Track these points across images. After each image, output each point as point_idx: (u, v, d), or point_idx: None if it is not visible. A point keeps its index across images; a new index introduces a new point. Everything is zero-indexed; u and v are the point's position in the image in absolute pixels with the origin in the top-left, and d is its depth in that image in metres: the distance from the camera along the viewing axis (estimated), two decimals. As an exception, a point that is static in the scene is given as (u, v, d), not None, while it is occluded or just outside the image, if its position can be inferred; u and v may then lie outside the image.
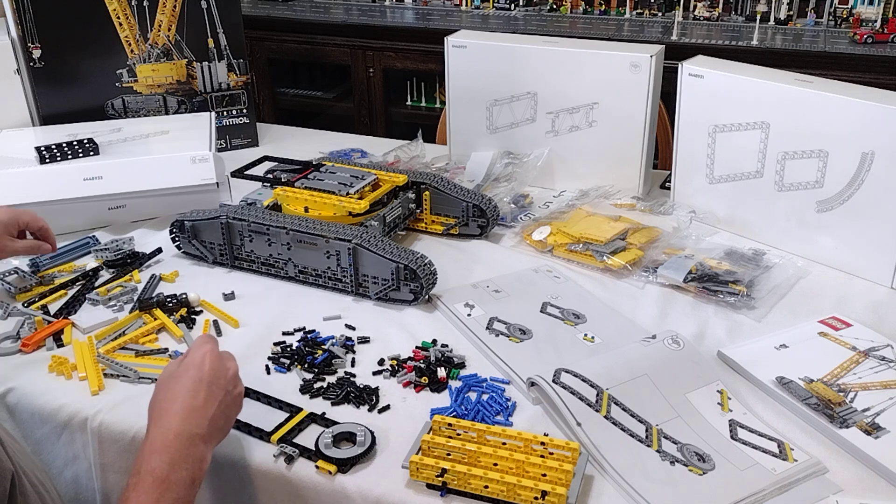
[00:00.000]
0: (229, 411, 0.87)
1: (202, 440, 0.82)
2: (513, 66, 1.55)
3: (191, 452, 0.81)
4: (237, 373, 0.90)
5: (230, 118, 1.80)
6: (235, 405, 0.89)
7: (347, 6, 3.10)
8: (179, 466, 0.79)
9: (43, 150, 1.39)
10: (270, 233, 1.23)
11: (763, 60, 1.53)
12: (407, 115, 3.09)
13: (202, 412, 0.83)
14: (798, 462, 0.88)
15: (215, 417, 0.84)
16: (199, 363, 0.86)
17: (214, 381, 0.86)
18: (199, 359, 0.87)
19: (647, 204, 1.48)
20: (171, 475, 0.78)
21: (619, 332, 1.12)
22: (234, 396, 0.88)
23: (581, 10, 2.94)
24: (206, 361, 0.87)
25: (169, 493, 0.77)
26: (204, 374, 0.85)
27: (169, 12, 1.68)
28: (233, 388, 0.88)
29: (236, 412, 0.89)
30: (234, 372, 0.89)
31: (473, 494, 0.84)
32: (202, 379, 0.85)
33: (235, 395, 0.88)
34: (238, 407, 0.90)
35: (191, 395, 0.84)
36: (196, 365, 0.86)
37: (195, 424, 0.82)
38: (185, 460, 0.80)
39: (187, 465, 0.80)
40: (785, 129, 1.28)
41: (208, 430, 0.83)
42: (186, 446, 0.80)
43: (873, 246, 1.23)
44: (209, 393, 0.85)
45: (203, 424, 0.83)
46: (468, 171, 1.60)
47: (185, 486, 0.79)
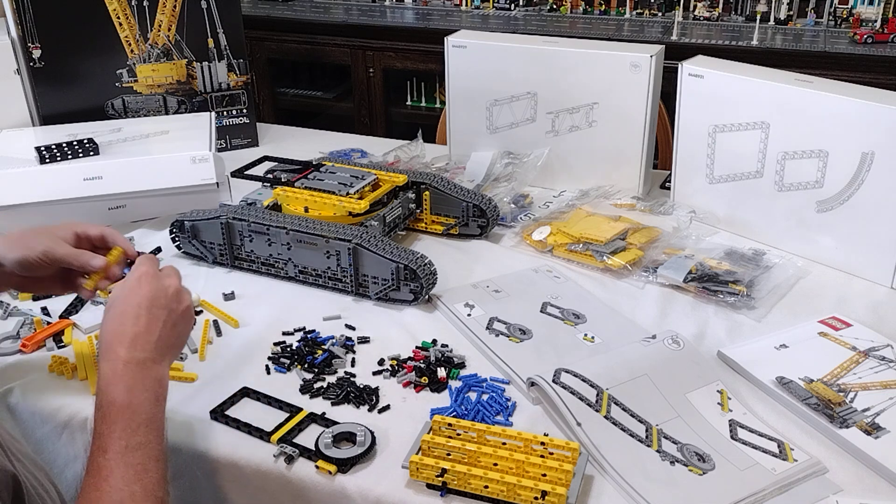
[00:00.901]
0: (177, 328, 0.88)
1: (153, 362, 0.83)
2: (513, 66, 1.55)
3: (145, 375, 0.82)
4: (178, 289, 0.90)
5: (230, 118, 1.80)
6: (183, 320, 0.90)
7: (347, 6, 3.10)
8: (138, 390, 0.80)
9: (43, 150, 1.39)
10: (270, 233, 1.23)
11: (763, 60, 1.53)
12: (407, 115, 3.09)
13: (146, 336, 0.84)
14: (798, 462, 0.88)
15: (161, 338, 0.85)
16: (136, 288, 0.87)
17: (154, 302, 0.86)
18: (136, 283, 0.87)
19: (647, 204, 1.48)
20: (132, 400, 0.79)
21: (619, 332, 1.12)
22: (180, 313, 0.89)
23: (581, 10, 2.94)
24: (142, 284, 0.87)
25: (137, 415, 0.79)
26: (142, 298, 0.86)
27: (169, 12, 1.68)
28: (176, 304, 0.88)
29: (187, 326, 0.91)
30: (175, 289, 0.89)
31: (473, 494, 0.84)
32: (141, 304, 0.85)
33: (181, 311, 0.89)
34: (187, 321, 0.91)
35: (132, 322, 0.84)
36: (133, 290, 0.87)
37: (141, 349, 0.83)
38: (141, 384, 0.81)
39: (146, 388, 0.81)
40: (785, 129, 1.28)
41: (156, 351, 0.84)
42: (138, 371, 0.82)
43: (873, 246, 1.23)
44: (150, 316, 0.85)
45: (149, 348, 0.84)
46: (468, 171, 1.60)
47: (151, 405, 0.81)
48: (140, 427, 0.78)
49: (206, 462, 0.92)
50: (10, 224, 1.33)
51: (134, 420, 0.78)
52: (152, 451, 0.78)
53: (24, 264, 0.95)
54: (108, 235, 1.00)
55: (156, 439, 0.79)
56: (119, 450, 0.76)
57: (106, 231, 1.00)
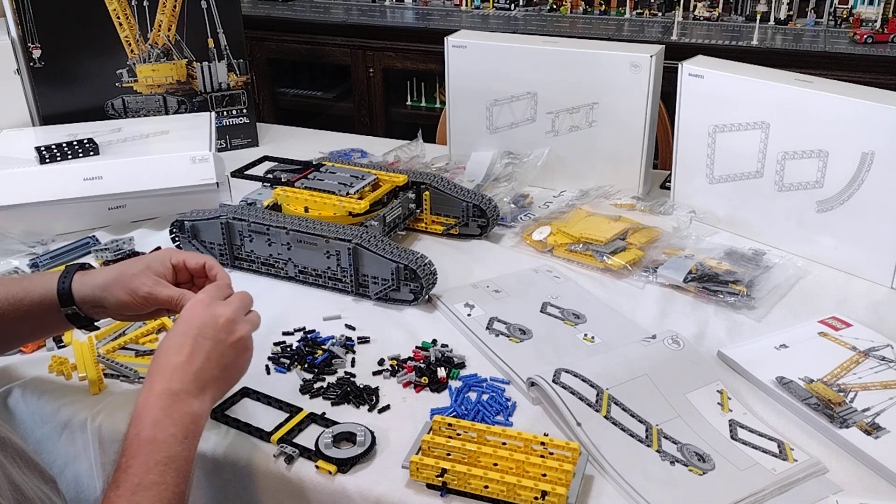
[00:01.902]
0: (224, 360, 0.83)
1: (189, 395, 0.79)
2: (513, 66, 1.55)
3: (176, 409, 0.77)
4: (230, 318, 0.85)
5: (230, 118, 1.80)
6: (233, 352, 0.84)
7: (347, 6, 3.10)
8: (165, 425, 0.76)
9: (43, 150, 1.39)
10: (270, 233, 1.23)
11: (763, 60, 1.53)
12: (407, 115, 3.09)
13: (185, 367, 0.80)
14: (798, 462, 0.88)
15: (203, 370, 0.81)
16: (186, 318, 0.83)
17: (200, 332, 0.82)
18: (186, 313, 0.84)
19: (647, 204, 1.48)
20: (157, 434, 0.75)
21: (619, 332, 1.12)
22: (229, 345, 0.84)
23: (581, 10, 2.94)
24: (192, 315, 0.83)
25: (157, 452, 0.74)
26: (189, 327, 0.82)
27: (169, 12, 1.68)
28: (226, 335, 0.84)
29: (238, 359, 0.85)
30: (227, 318, 0.84)
31: (473, 494, 0.84)
32: (186, 333, 0.82)
33: (230, 342, 0.84)
34: (238, 353, 0.85)
35: (174, 352, 0.81)
36: (184, 319, 0.83)
37: (178, 381, 0.79)
38: (170, 418, 0.77)
39: (174, 423, 0.76)
40: (785, 129, 1.28)
41: (195, 384, 0.80)
42: (170, 404, 0.77)
43: (873, 246, 1.23)
44: (194, 346, 0.81)
45: (187, 379, 0.79)
46: (468, 171, 1.60)
47: (177, 443, 0.76)
48: (157, 465, 0.74)
49: (206, 462, 0.92)
50: (11, 224, 1.34)
51: (152, 457, 0.74)
52: (165, 492, 0.73)
53: (124, 306, 0.91)
54: (209, 268, 0.94)
55: (173, 479, 0.74)
56: (130, 487, 0.72)
57: (208, 262, 0.95)
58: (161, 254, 0.95)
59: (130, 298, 0.91)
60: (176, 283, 0.94)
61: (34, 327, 0.95)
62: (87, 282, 0.93)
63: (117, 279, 0.92)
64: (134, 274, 0.92)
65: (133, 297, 0.90)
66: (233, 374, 0.86)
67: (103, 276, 0.93)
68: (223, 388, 0.84)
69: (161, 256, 0.94)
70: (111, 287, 0.92)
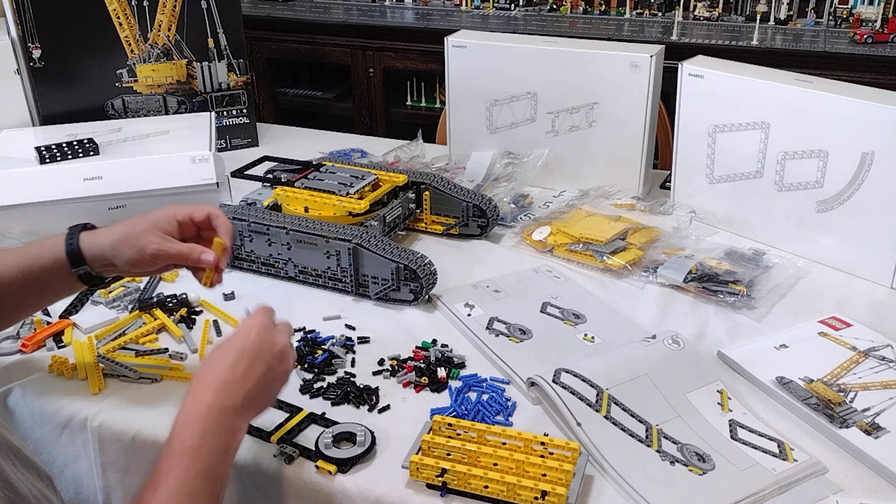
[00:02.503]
0: (271, 387, 0.85)
1: (236, 412, 0.80)
2: (513, 66, 1.55)
3: (223, 423, 0.79)
4: (286, 348, 0.87)
5: (230, 118, 1.80)
6: (279, 380, 0.86)
7: (347, 6, 3.10)
8: (211, 437, 0.77)
9: (43, 150, 1.39)
10: (270, 233, 1.23)
11: (763, 60, 1.53)
12: (407, 115, 3.09)
13: (239, 385, 0.81)
14: (798, 462, 0.88)
15: (252, 391, 0.82)
16: (245, 335, 0.84)
17: (258, 354, 0.83)
18: (246, 331, 0.85)
19: (647, 204, 1.49)
20: (202, 445, 0.76)
21: (619, 332, 1.12)
22: (280, 372, 0.86)
23: (581, 10, 2.94)
24: (251, 334, 0.84)
25: (199, 461, 0.75)
26: (247, 346, 0.83)
27: (169, 12, 1.68)
28: (278, 363, 0.85)
29: (280, 387, 0.87)
30: (283, 347, 0.86)
31: (473, 494, 0.84)
32: (244, 351, 0.83)
33: (281, 371, 0.86)
34: (282, 382, 0.87)
35: (230, 368, 0.82)
36: (241, 336, 0.84)
37: (230, 397, 0.80)
38: (216, 431, 0.78)
39: (219, 435, 0.78)
40: (785, 129, 1.28)
41: (243, 403, 0.81)
42: (218, 418, 0.78)
43: (873, 246, 1.23)
44: (250, 366, 0.82)
45: (238, 397, 0.80)
46: (468, 171, 1.60)
47: (218, 456, 0.77)
48: (198, 476, 0.75)
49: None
50: (11, 224, 1.34)
51: (195, 466, 0.75)
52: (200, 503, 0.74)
53: (134, 264, 0.93)
54: (213, 217, 0.96)
55: (209, 492, 0.75)
56: (169, 491, 0.73)
57: (211, 212, 0.96)
58: (166, 210, 0.96)
59: (139, 256, 0.92)
60: (182, 238, 0.96)
61: (46, 292, 0.96)
62: (96, 241, 0.94)
63: (125, 238, 0.93)
64: (141, 232, 0.93)
65: (142, 255, 0.92)
66: (272, 400, 0.88)
67: (110, 235, 0.95)
68: (260, 412, 0.86)
69: (167, 214, 0.96)
70: (119, 245, 0.93)
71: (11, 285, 0.92)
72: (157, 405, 0.99)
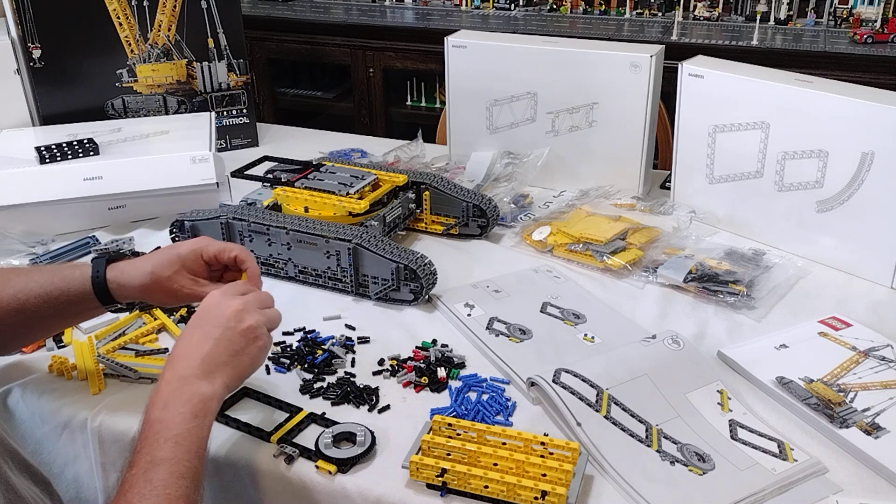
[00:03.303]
0: (234, 347, 0.85)
1: (197, 378, 0.81)
2: (513, 66, 1.55)
3: (184, 391, 0.80)
4: (240, 309, 0.87)
5: (230, 118, 1.80)
6: (245, 340, 0.86)
7: (347, 6, 3.10)
8: (173, 405, 0.78)
9: (43, 150, 1.39)
10: (270, 233, 1.23)
11: (763, 60, 1.53)
12: (407, 115, 3.09)
13: (194, 352, 0.83)
14: (798, 462, 0.88)
15: (210, 356, 0.83)
16: (198, 311, 0.88)
17: (208, 320, 0.85)
18: (200, 307, 0.88)
19: (647, 204, 1.49)
20: (164, 415, 0.77)
21: (619, 332, 1.12)
22: (240, 332, 0.85)
23: (581, 10, 2.94)
24: (203, 307, 0.87)
25: (165, 430, 0.76)
26: (199, 318, 0.86)
27: (169, 12, 1.68)
28: (235, 323, 0.85)
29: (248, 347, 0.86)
30: (236, 309, 0.86)
31: (473, 494, 0.84)
32: (197, 324, 0.86)
33: (240, 330, 0.86)
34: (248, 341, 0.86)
35: (183, 342, 0.84)
36: (195, 314, 0.88)
37: (185, 367, 0.81)
38: (177, 399, 0.79)
39: (182, 402, 0.79)
40: (785, 129, 1.28)
41: (201, 368, 0.82)
42: (178, 387, 0.80)
43: (873, 246, 1.23)
44: (202, 334, 0.84)
45: (194, 364, 0.82)
46: (468, 171, 1.60)
47: (186, 421, 0.78)
48: (167, 442, 0.75)
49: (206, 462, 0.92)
50: (11, 224, 1.34)
51: (162, 435, 0.76)
52: (177, 468, 0.74)
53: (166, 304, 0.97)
54: (241, 262, 0.97)
55: (185, 455, 0.76)
56: (143, 465, 0.74)
57: (239, 256, 0.97)
58: (194, 250, 0.97)
59: (172, 299, 0.95)
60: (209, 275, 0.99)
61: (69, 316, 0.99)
62: (125, 283, 0.95)
63: (156, 283, 0.95)
64: (171, 276, 0.94)
65: (176, 299, 0.95)
66: (243, 361, 0.87)
67: (139, 278, 0.95)
68: (235, 374, 0.86)
69: (194, 254, 0.96)
70: (150, 290, 0.95)
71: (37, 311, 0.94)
72: (157, 405, 0.99)
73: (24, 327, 0.94)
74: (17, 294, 0.93)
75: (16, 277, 0.96)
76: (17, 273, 0.97)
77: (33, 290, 0.93)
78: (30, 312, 0.93)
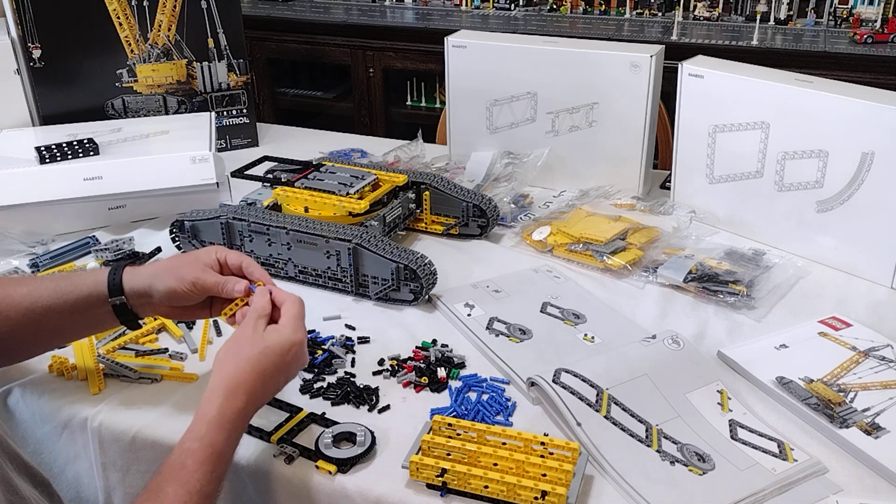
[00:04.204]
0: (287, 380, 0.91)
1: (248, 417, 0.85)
2: (513, 66, 1.55)
3: (242, 427, 0.84)
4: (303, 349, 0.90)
5: (230, 118, 1.80)
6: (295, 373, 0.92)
7: (347, 6, 3.10)
8: (234, 440, 0.82)
9: (43, 150, 1.39)
10: (270, 233, 1.23)
11: (763, 60, 1.53)
12: (407, 115, 3.09)
13: (263, 396, 0.86)
14: (798, 462, 0.88)
15: (269, 392, 0.88)
16: (286, 351, 0.87)
17: (288, 373, 0.89)
18: (288, 346, 0.87)
19: (647, 204, 1.49)
20: (226, 449, 0.81)
21: (619, 332, 1.12)
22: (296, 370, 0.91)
23: (581, 10, 2.94)
24: (291, 352, 0.87)
25: (221, 465, 0.80)
26: (286, 364, 0.87)
27: (169, 12, 1.68)
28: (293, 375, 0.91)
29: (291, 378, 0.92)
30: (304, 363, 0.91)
31: (473, 494, 0.84)
32: (280, 369, 0.87)
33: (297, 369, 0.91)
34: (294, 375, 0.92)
35: (263, 380, 0.85)
36: (284, 351, 0.87)
37: (254, 405, 0.85)
38: (238, 434, 0.83)
39: (237, 438, 0.83)
40: (785, 129, 1.28)
41: (255, 409, 0.86)
42: (241, 423, 0.83)
43: (873, 246, 1.23)
44: (277, 382, 0.88)
45: (260, 402, 0.86)
46: (468, 171, 1.60)
47: (231, 459, 0.82)
48: (218, 479, 0.80)
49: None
50: (11, 224, 1.34)
51: (217, 469, 0.79)
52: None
53: (172, 295, 0.93)
54: (246, 267, 0.97)
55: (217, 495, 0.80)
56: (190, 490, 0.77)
57: (244, 262, 0.97)
58: (209, 249, 0.99)
59: (178, 284, 0.94)
60: None
61: (78, 322, 0.97)
62: (139, 272, 0.96)
63: (168, 269, 0.96)
64: (184, 264, 0.96)
65: (181, 284, 0.94)
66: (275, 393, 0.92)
67: (154, 266, 0.97)
68: None
69: (208, 250, 0.98)
70: (160, 275, 0.95)
71: (47, 309, 0.93)
72: (157, 405, 0.99)
73: (34, 329, 0.93)
74: (30, 292, 0.93)
75: (29, 279, 0.98)
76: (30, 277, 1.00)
77: (47, 287, 0.94)
78: (41, 311, 0.93)
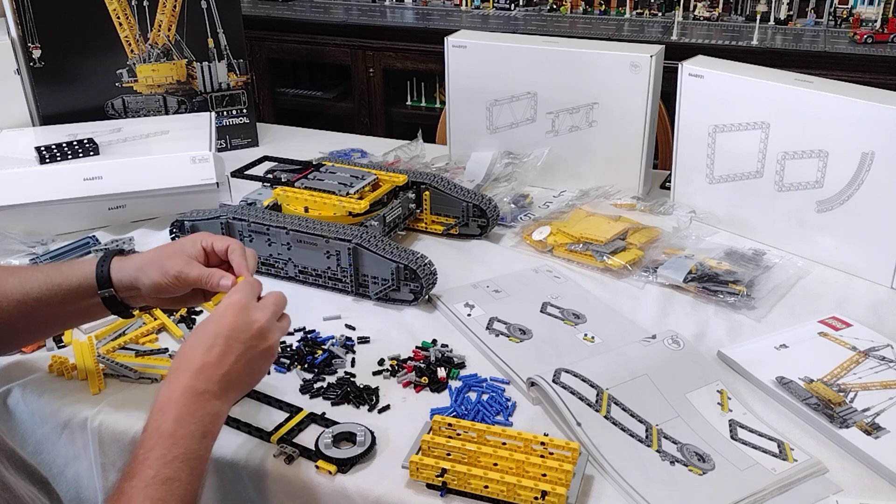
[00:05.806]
0: (252, 365, 0.84)
1: (214, 396, 0.79)
2: (513, 66, 1.55)
3: (199, 408, 0.78)
4: (264, 327, 0.85)
5: (230, 118, 1.80)
6: (262, 359, 0.85)
7: (347, 6, 3.10)
8: (186, 422, 0.77)
9: (43, 150, 1.39)
10: (270, 233, 1.23)
11: (763, 60, 1.53)
12: (407, 115, 3.09)
13: (215, 368, 0.80)
14: (798, 462, 0.88)
15: (230, 373, 0.81)
16: (220, 317, 0.83)
17: (233, 335, 0.82)
18: (222, 311, 0.84)
19: (647, 204, 1.49)
20: (177, 430, 0.76)
21: (619, 332, 1.12)
22: (260, 351, 0.84)
23: (581, 10, 2.94)
24: (227, 314, 0.83)
25: (175, 447, 0.75)
26: (222, 328, 0.82)
27: (169, 12, 1.68)
28: (258, 342, 0.84)
29: (263, 365, 0.86)
30: (261, 326, 0.84)
31: (473, 494, 0.84)
32: (219, 333, 0.82)
33: (261, 349, 0.84)
34: (266, 360, 0.86)
35: (204, 351, 0.81)
36: (216, 319, 0.83)
37: (204, 381, 0.79)
38: (192, 416, 0.77)
39: (195, 420, 0.77)
40: (785, 129, 1.28)
41: (220, 386, 0.80)
42: (193, 402, 0.78)
43: (873, 246, 1.23)
44: (225, 348, 0.81)
45: (214, 380, 0.80)
46: (468, 171, 1.60)
47: (195, 440, 0.77)
48: (175, 460, 0.74)
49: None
50: (11, 224, 1.34)
51: (171, 452, 0.74)
52: (179, 489, 0.73)
53: (158, 289, 0.92)
54: (231, 252, 0.94)
55: (188, 476, 0.75)
56: (145, 479, 0.73)
57: (230, 245, 0.94)
58: (193, 237, 0.96)
59: (162, 278, 0.92)
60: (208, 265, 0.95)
61: (70, 312, 0.96)
62: (125, 265, 0.95)
63: (152, 261, 0.94)
64: (167, 256, 0.93)
65: (165, 277, 0.92)
66: (255, 379, 0.87)
67: (139, 258, 0.95)
68: (244, 391, 0.86)
69: (193, 239, 0.95)
70: (146, 268, 0.93)
71: (39, 300, 0.93)
72: (157, 405, 0.99)
73: (26, 319, 0.93)
74: (21, 283, 0.92)
75: (20, 269, 0.97)
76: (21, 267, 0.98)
77: (38, 278, 0.93)
78: (33, 302, 0.92)
